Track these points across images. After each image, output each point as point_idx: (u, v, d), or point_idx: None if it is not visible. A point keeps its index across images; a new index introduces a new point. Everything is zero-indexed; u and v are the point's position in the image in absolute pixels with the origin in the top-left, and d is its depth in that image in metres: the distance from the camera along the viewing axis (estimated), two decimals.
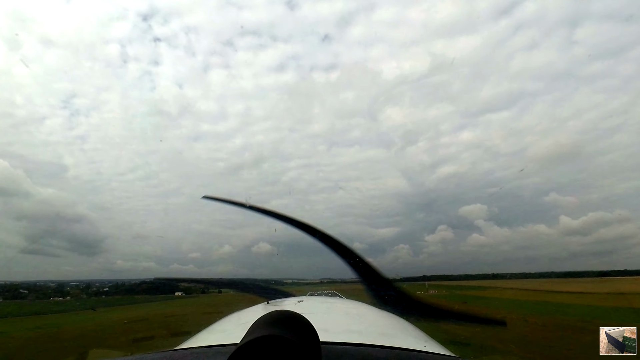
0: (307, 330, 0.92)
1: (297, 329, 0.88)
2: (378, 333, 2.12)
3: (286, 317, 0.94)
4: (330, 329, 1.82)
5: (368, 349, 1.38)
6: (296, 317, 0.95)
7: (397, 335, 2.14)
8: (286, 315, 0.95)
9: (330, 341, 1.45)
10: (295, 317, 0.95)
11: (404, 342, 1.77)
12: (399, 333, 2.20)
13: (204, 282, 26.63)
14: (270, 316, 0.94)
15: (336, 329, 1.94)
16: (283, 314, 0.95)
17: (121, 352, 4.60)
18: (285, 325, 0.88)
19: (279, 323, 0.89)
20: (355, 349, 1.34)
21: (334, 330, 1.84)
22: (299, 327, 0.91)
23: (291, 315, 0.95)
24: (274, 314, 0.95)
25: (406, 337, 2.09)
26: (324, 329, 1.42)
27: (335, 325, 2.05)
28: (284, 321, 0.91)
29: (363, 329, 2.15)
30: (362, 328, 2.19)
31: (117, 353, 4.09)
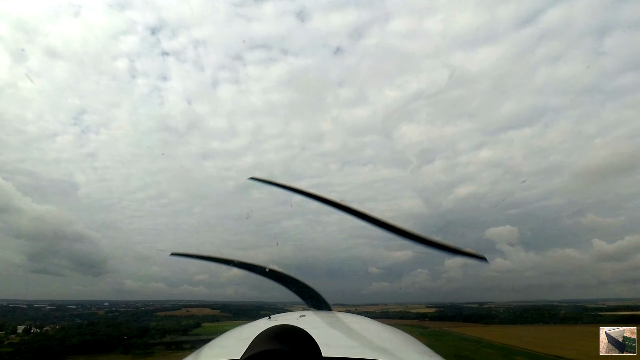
0: (309, 345, 0.91)
1: (299, 344, 0.88)
2: (381, 348, 2.03)
3: (288, 332, 0.94)
4: (333, 344, 1.78)
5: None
6: (298, 331, 0.95)
7: (401, 350, 2.09)
8: (288, 329, 0.95)
9: (333, 356, 1.43)
10: (297, 331, 0.95)
11: (408, 357, 1.74)
12: (402, 348, 2.16)
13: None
14: (271, 331, 0.94)
15: (339, 343, 1.91)
16: (285, 329, 0.95)
17: None
18: (287, 340, 0.88)
19: (281, 338, 0.89)
20: None
21: (337, 345, 1.80)
22: (301, 341, 0.90)
23: (293, 329, 0.95)
24: (275, 329, 0.95)
25: (410, 352, 2.06)
26: (326, 343, 1.38)
27: (337, 340, 2.03)
28: (285, 336, 0.91)
29: (366, 344, 2.09)
30: (365, 343, 2.14)
31: None
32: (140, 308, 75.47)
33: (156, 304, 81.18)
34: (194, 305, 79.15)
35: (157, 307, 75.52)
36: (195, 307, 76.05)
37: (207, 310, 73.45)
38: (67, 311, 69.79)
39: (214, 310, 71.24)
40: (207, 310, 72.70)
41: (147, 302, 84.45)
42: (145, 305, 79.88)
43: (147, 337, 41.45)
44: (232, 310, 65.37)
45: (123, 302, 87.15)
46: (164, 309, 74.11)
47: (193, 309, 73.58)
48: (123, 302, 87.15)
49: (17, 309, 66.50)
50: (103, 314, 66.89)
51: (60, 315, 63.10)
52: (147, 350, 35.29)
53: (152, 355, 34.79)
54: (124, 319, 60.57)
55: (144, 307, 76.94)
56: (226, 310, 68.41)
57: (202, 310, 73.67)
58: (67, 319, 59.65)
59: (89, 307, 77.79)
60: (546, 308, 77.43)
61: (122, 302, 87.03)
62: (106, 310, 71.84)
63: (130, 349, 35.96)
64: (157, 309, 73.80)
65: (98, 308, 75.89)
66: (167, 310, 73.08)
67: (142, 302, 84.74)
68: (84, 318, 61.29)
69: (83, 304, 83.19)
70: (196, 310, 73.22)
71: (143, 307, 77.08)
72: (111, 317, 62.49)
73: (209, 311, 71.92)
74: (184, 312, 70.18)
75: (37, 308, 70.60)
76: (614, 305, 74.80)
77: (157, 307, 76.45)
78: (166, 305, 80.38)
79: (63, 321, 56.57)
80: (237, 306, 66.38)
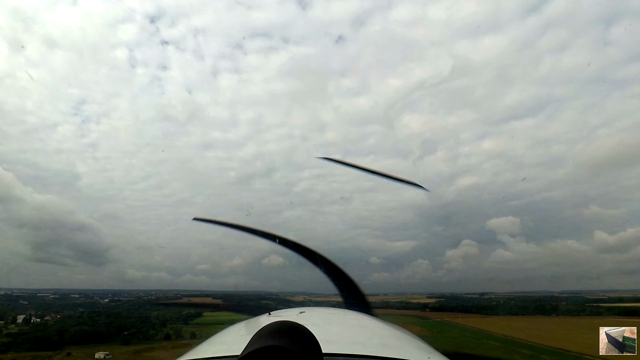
0: (309, 341, 0.92)
1: (299, 340, 0.89)
2: (381, 345, 2.06)
3: (288, 328, 0.94)
4: (333, 340, 1.78)
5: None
6: (298, 327, 0.96)
7: (400, 346, 2.08)
8: (288, 326, 0.95)
9: (333, 352, 1.44)
10: (297, 327, 0.96)
11: (407, 354, 1.75)
12: (402, 345, 2.16)
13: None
14: (271, 327, 0.94)
15: (338, 340, 1.91)
16: (284, 325, 0.95)
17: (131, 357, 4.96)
18: (287, 336, 0.88)
19: (281, 334, 0.90)
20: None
21: (336, 342, 1.81)
22: (301, 338, 0.91)
23: (293, 326, 0.96)
24: (275, 325, 0.95)
25: (409, 348, 2.04)
26: (326, 340, 1.40)
27: (337, 337, 2.02)
28: (285, 332, 0.91)
29: (366, 341, 2.12)
30: (365, 339, 2.16)
31: (127, 357, 4.36)
32: (143, 297, 76.13)
33: (159, 293, 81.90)
34: (196, 295, 79.75)
35: (159, 297, 76.15)
36: (197, 297, 76.65)
37: (208, 300, 73.81)
38: (70, 300, 70.92)
39: (216, 300, 71.65)
40: (208, 300, 73.11)
41: (150, 292, 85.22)
42: (148, 294, 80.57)
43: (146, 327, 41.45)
44: (234, 301, 65.72)
45: (126, 292, 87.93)
46: (166, 298, 74.77)
47: (195, 299, 74.14)
48: (126, 292, 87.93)
49: (20, 297, 67.23)
50: (105, 303, 67.71)
51: (63, 304, 64.08)
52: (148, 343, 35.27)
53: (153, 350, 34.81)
54: (125, 309, 61.13)
55: (146, 296, 77.63)
56: (227, 300, 68.79)
57: (204, 300, 74.10)
58: (70, 307, 60.50)
59: (92, 296, 78.64)
60: (546, 299, 78.01)
61: (125, 292, 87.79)
62: (109, 300, 72.71)
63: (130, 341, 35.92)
64: (159, 298, 74.48)
65: (101, 297, 76.70)
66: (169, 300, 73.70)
67: (144, 292, 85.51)
68: (86, 307, 62.08)
69: (87, 293, 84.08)
70: (198, 300, 73.72)
71: (145, 296, 77.77)
72: (113, 307, 63.21)
73: (210, 301, 72.35)
74: (186, 302, 70.73)
75: (41, 297, 71.58)
76: (614, 297, 75.01)
77: (159, 296, 77.11)
78: (168, 294, 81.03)
79: (66, 310, 57.28)
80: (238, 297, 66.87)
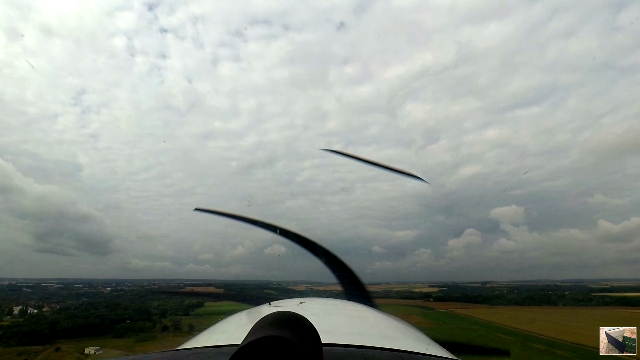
0: (308, 332, 0.93)
1: (298, 330, 0.90)
2: (380, 335, 2.08)
3: (288, 318, 0.95)
4: (332, 331, 1.80)
5: (370, 351, 1.39)
6: (298, 318, 0.97)
7: (399, 337, 2.10)
8: (288, 316, 0.96)
9: (332, 343, 1.44)
10: (297, 318, 0.97)
11: (406, 345, 1.77)
12: (400, 335, 2.16)
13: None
14: (271, 317, 0.95)
15: (338, 330, 1.92)
16: (284, 315, 0.96)
17: (123, 352, 4.70)
18: (286, 326, 0.89)
19: (281, 324, 0.91)
20: (357, 351, 1.35)
21: (336, 332, 1.81)
22: (301, 328, 0.92)
23: (293, 316, 0.97)
24: (275, 315, 0.96)
25: (408, 339, 2.05)
26: (325, 330, 1.42)
27: (337, 327, 2.03)
28: (285, 322, 0.93)
29: (365, 331, 2.14)
30: (364, 330, 2.17)
31: (120, 352, 3.48)
32: (146, 286, 76.46)
33: (162, 282, 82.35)
34: (199, 284, 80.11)
35: (162, 286, 76.50)
36: (200, 287, 76.92)
37: (211, 289, 73.89)
38: (74, 290, 71.10)
39: (218, 289, 71.78)
40: (211, 289, 73.26)
41: (153, 281, 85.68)
42: (151, 283, 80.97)
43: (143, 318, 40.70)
44: (237, 290, 65.71)
45: (129, 281, 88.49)
46: (169, 287, 74.97)
47: (197, 288, 74.34)
48: (129, 281, 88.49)
49: (24, 287, 67.54)
50: (108, 292, 67.91)
51: (66, 294, 64.27)
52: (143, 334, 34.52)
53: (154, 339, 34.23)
54: (127, 298, 61.26)
55: (149, 285, 77.97)
56: (230, 289, 68.86)
57: (207, 289, 74.19)
58: (73, 297, 60.62)
59: (96, 285, 79.08)
60: (550, 288, 77.66)
61: (129, 281, 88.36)
62: (111, 289, 72.96)
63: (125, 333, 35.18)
64: (162, 287, 74.78)
65: (104, 286, 77.09)
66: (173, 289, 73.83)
67: (148, 281, 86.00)
68: (89, 296, 62.22)
69: (90, 282, 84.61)
70: (201, 289, 73.89)
71: (149, 285, 78.11)
72: (115, 296, 63.32)
73: (213, 290, 72.48)
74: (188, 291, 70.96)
75: (44, 287, 71.86)
76: (617, 286, 74.61)
77: (162, 285, 77.48)
78: (172, 284, 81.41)
79: (68, 299, 57.38)
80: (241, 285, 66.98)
